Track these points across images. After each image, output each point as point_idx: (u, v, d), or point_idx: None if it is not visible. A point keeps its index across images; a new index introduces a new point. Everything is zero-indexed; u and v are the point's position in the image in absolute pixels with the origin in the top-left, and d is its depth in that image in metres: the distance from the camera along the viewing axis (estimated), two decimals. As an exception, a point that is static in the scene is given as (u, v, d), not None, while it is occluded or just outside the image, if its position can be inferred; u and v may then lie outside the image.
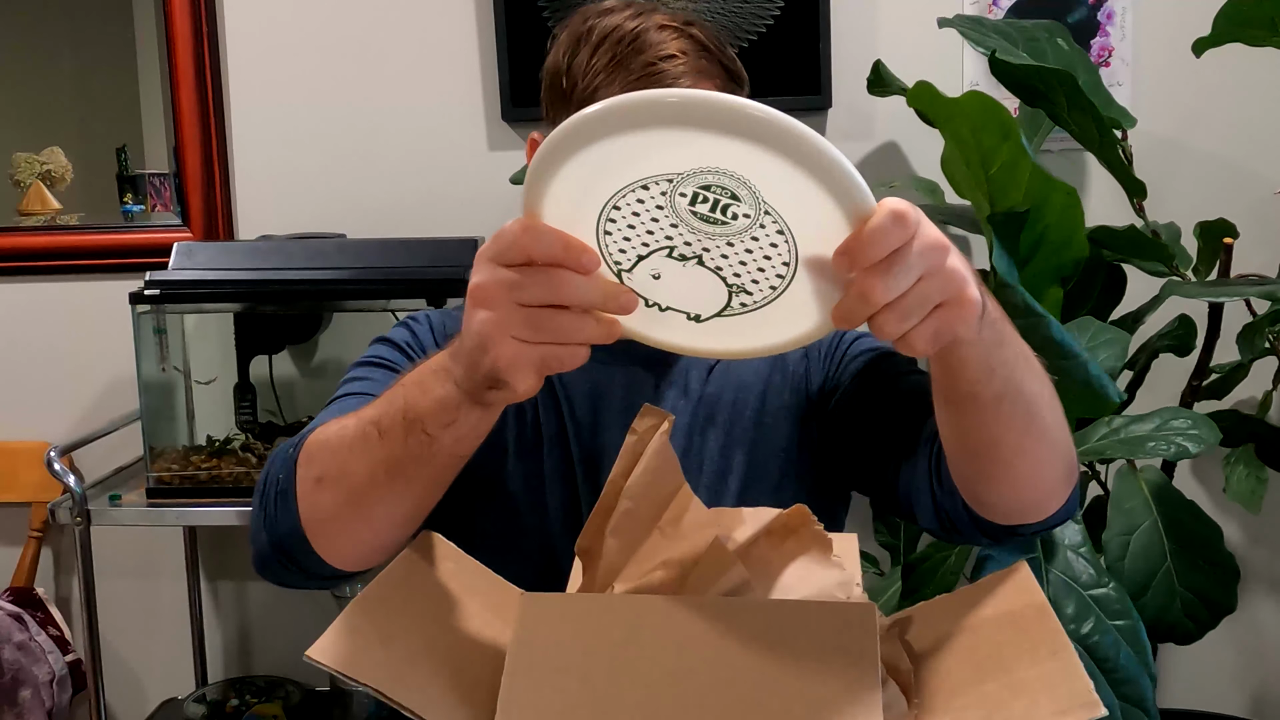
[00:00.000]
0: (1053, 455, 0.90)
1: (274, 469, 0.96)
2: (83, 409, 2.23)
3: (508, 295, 0.72)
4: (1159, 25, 2.02)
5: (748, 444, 1.15)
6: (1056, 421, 0.90)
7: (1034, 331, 1.27)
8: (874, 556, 1.90)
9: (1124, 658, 1.35)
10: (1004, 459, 0.87)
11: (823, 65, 2.03)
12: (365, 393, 1.07)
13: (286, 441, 1.00)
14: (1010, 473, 0.89)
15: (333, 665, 0.72)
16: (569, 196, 0.70)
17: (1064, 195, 1.45)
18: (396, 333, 1.19)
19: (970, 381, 0.81)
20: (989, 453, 0.88)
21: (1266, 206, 1.99)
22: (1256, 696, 2.19)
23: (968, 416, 0.85)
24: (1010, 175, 1.43)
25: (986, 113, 1.40)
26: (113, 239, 2.22)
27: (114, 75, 2.33)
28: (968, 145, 1.44)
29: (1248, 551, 2.10)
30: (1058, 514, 0.96)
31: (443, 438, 0.82)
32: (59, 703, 2.10)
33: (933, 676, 0.77)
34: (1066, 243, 1.50)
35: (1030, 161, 1.41)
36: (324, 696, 2.16)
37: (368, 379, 1.11)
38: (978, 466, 0.90)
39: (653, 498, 0.82)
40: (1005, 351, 0.81)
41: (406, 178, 2.15)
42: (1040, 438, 0.87)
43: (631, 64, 1.05)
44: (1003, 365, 0.81)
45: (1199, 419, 1.53)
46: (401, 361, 1.14)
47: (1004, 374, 0.81)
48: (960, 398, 0.83)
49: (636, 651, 0.72)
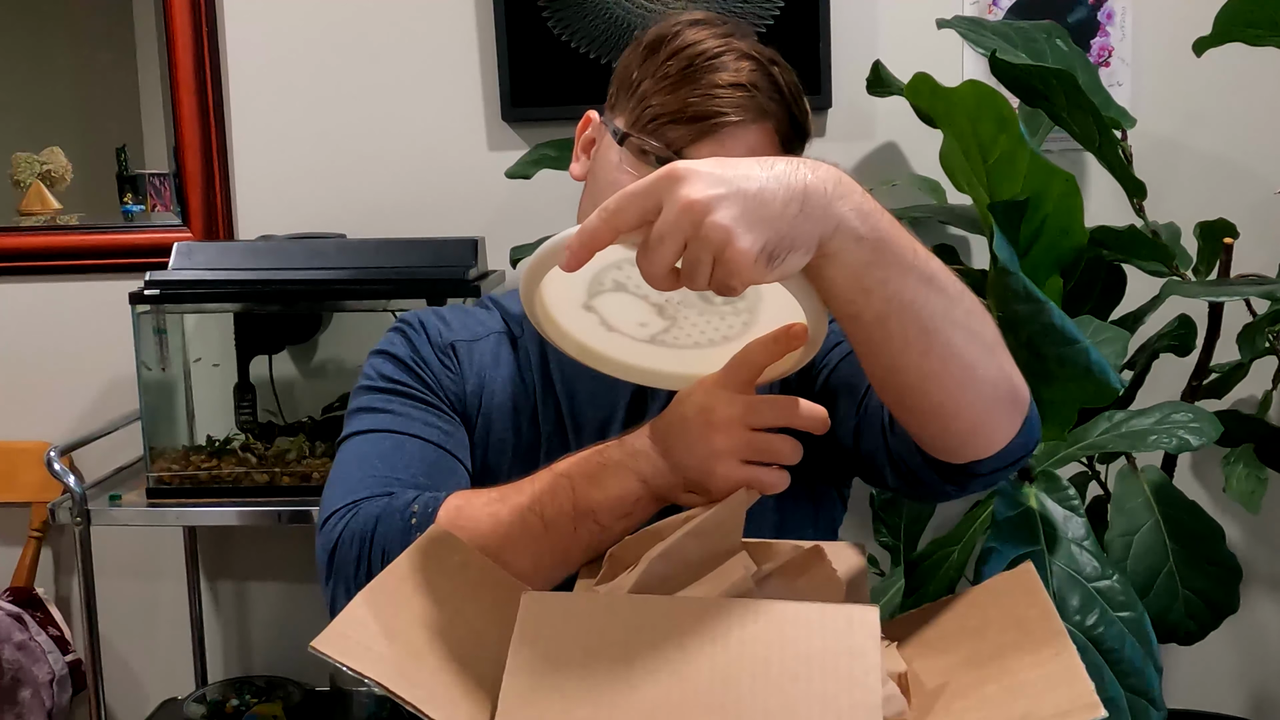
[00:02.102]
0: (971, 378, 0.85)
1: (394, 552, 0.89)
2: (83, 409, 2.23)
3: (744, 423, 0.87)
4: (1159, 25, 2.02)
5: None
6: (976, 343, 0.85)
7: (1035, 318, 1.27)
8: (874, 556, 1.90)
9: (1129, 649, 1.34)
10: (913, 385, 0.85)
11: (823, 65, 2.03)
12: (403, 431, 1.07)
13: (387, 507, 0.96)
14: (926, 400, 0.86)
15: (336, 657, 0.72)
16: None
17: (1062, 183, 1.45)
18: (394, 344, 1.17)
19: (845, 302, 0.80)
20: (895, 380, 0.85)
21: (1266, 206, 1.99)
22: (1258, 696, 2.19)
23: (860, 344, 0.84)
24: (1009, 165, 1.43)
25: (984, 102, 1.40)
26: (113, 239, 2.22)
27: (114, 75, 2.33)
28: (965, 136, 1.43)
29: (1248, 551, 2.10)
30: (1010, 447, 0.91)
31: (615, 527, 0.89)
32: (59, 703, 2.10)
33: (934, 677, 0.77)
34: (1066, 231, 1.50)
35: (1028, 150, 1.41)
36: (324, 696, 2.15)
37: (392, 412, 1.09)
38: (893, 398, 0.89)
39: (708, 544, 0.84)
40: (882, 271, 0.79)
41: (406, 178, 2.15)
42: (949, 359, 0.83)
43: (700, 80, 1.06)
44: (881, 285, 0.79)
45: (1200, 413, 1.53)
46: (411, 382, 1.12)
47: (884, 293, 0.79)
48: (843, 320, 0.82)
49: (638, 651, 0.72)
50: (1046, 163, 1.43)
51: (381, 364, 1.15)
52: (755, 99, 1.06)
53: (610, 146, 1.10)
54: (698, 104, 1.05)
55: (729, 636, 0.72)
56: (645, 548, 0.83)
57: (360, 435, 1.08)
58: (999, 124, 1.40)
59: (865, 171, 2.10)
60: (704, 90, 1.05)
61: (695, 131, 1.05)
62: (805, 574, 0.83)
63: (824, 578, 0.82)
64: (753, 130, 1.07)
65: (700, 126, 1.05)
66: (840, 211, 0.76)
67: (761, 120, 1.07)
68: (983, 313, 0.87)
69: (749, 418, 0.87)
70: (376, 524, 0.94)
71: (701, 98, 1.05)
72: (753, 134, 1.07)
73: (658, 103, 1.06)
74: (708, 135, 1.05)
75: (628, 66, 1.12)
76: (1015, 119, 1.40)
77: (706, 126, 1.05)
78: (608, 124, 1.11)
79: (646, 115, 1.07)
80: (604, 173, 1.10)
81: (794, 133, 1.11)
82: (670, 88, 1.06)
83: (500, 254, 2.00)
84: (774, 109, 1.08)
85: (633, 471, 0.90)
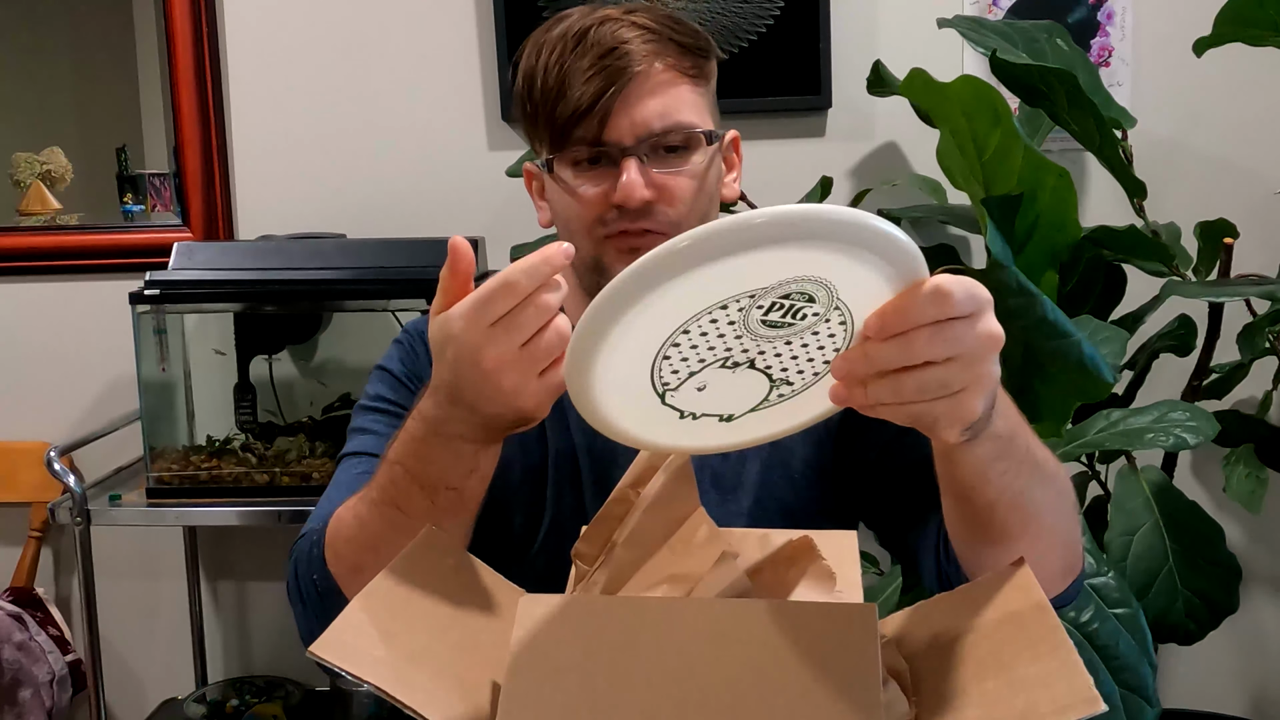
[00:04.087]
0: (1049, 554, 0.89)
1: (303, 570, 1.00)
2: (83, 409, 2.23)
3: (510, 341, 0.76)
4: (1159, 25, 2.02)
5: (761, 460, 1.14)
6: (1059, 522, 0.90)
7: (1028, 311, 1.27)
8: (874, 556, 1.90)
9: (1124, 646, 1.35)
10: (996, 552, 0.88)
11: (823, 65, 2.03)
12: (373, 452, 1.07)
13: (302, 539, 1.02)
14: (1000, 559, 0.88)
15: (335, 661, 0.72)
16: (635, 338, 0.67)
17: (1055, 178, 1.45)
18: (391, 359, 1.17)
19: (962, 484, 0.83)
20: (982, 541, 0.89)
21: (1266, 206, 1.99)
22: (1257, 696, 2.19)
23: (962, 509, 0.87)
24: (1003, 160, 1.43)
25: (978, 98, 1.40)
26: (113, 239, 2.22)
27: (114, 75, 2.33)
28: (961, 131, 1.44)
29: (1248, 552, 2.10)
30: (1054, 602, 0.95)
31: (468, 483, 0.87)
32: (59, 703, 2.10)
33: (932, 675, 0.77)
34: (1060, 225, 1.50)
35: (1022, 145, 1.41)
36: (324, 696, 2.15)
37: (376, 433, 1.11)
38: (971, 550, 0.91)
39: (667, 515, 0.82)
40: (1005, 464, 0.81)
41: (406, 178, 2.15)
42: (1036, 538, 0.87)
43: (577, 66, 1.05)
44: (1000, 475, 0.81)
45: (1197, 411, 1.53)
46: (400, 401, 1.13)
47: (1001, 483, 0.82)
48: (955, 494, 0.85)
49: (637, 652, 0.72)
50: (1040, 157, 1.43)
51: (376, 381, 1.16)
52: (639, 47, 1.06)
53: (551, 180, 1.10)
54: (594, 79, 1.05)
55: (728, 637, 0.72)
56: (604, 538, 0.83)
57: (346, 458, 1.11)
58: (993, 119, 1.40)
59: (865, 171, 2.10)
60: (584, 73, 1.05)
61: (598, 112, 1.05)
62: (796, 564, 0.83)
63: (815, 568, 0.82)
64: (650, 74, 1.06)
65: (601, 104, 1.04)
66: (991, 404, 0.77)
67: (661, 59, 1.06)
68: (1068, 487, 0.92)
69: (507, 337, 0.76)
70: (299, 558, 1.01)
71: (595, 74, 1.05)
72: (652, 78, 1.06)
73: (557, 112, 1.06)
74: (613, 106, 1.04)
75: (521, 109, 1.12)
76: (1009, 114, 1.40)
77: (606, 101, 1.04)
78: (540, 164, 1.12)
79: (556, 130, 1.07)
80: (561, 206, 1.09)
81: (692, 56, 1.09)
82: (555, 91, 1.06)
83: (500, 254, 2.00)
84: (658, 49, 1.07)
85: (447, 437, 0.85)
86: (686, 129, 1.06)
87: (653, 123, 1.05)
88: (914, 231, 2.08)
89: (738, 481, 1.14)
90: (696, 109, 1.08)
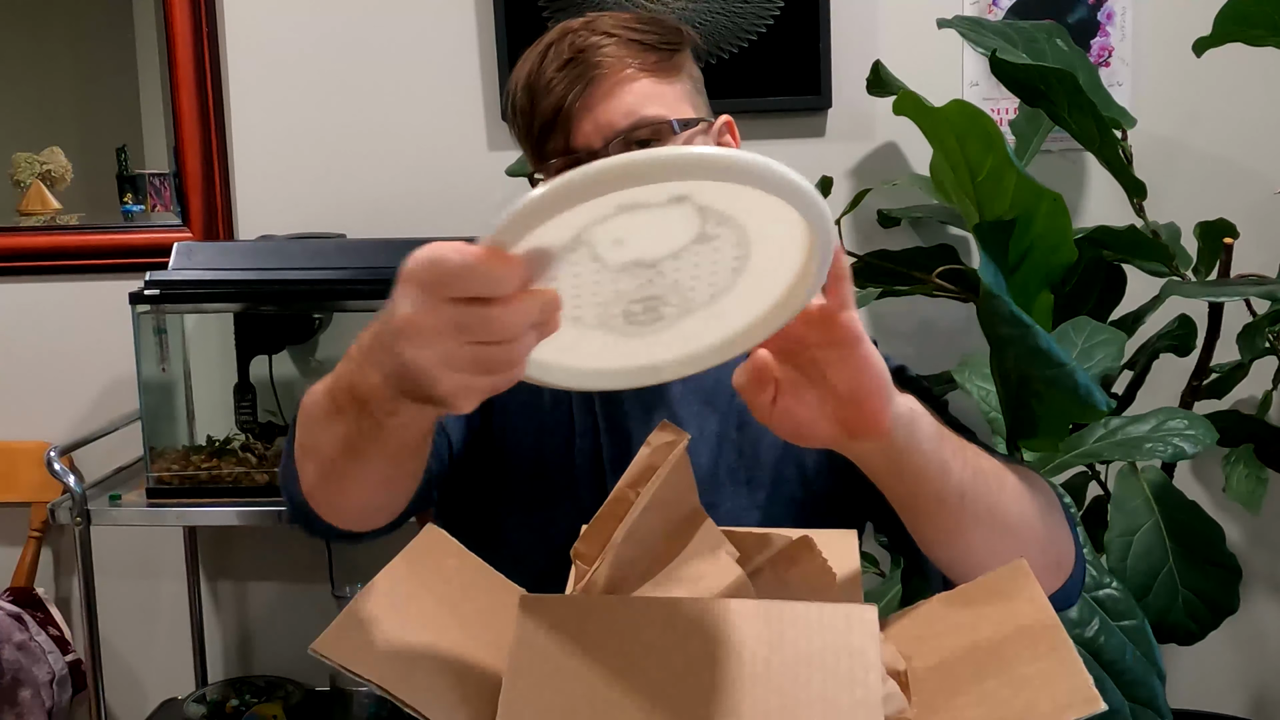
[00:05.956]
0: (1022, 551, 0.87)
1: (290, 431, 1.00)
2: (83, 409, 2.23)
3: (455, 335, 0.67)
4: (1159, 25, 2.02)
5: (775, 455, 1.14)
6: (1024, 518, 0.92)
7: (1021, 342, 1.26)
8: (874, 556, 1.90)
9: (1131, 659, 1.34)
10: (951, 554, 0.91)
11: (823, 65, 2.03)
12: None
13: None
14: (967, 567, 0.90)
15: (337, 660, 0.72)
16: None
17: (1050, 203, 1.44)
18: None
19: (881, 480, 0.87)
20: (933, 545, 0.91)
21: (1266, 206, 1.99)
22: (1257, 696, 2.19)
23: (903, 512, 0.90)
24: (996, 185, 1.43)
25: (970, 122, 1.39)
26: (113, 239, 2.22)
27: (114, 75, 2.33)
28: (954, 154, 1.43)
29: (1248, 552, 2.10)
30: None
31: (388, 424, 0.79)
32: (59, 703, 2.10)
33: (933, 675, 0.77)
34: (1055, 249, 1.49)
35: (1015, 171, 1.40)
36: (324, 696, 2.15)
37: None
38: (936, 556, 0.93)
39: (667, 514, 0.82)
40: (916, 459, 0.84)
41: (406, 178, 2.15)
42: (1000, 535, 0.90)
43: (542, 81, 1.08)
44: (912, 472, 0.84)
45: (1196, 419, 1.53)
46: None
47: (915, 481, 0.85)
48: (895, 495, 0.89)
49: (637, 652, 0.72)
50: (1034, 182, 1.42)
51: None
52: (588, 58, 1.08)
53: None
54: (548, 100, 1.07)
55: (728, 637, 0.72)
56: (604, 537, 0.83)
57: None
58: (986, 143, 1.40)
59: (865, 171, 2.10)
60: (547, 86, 1.07)
61: (563, 121, 1.07)
62: (796, 565, 0.83)
63: (815, 569, 0.82)
64: (610, 76, 1.07)
65: (563, 113, 1.07)
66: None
67: (611, 63, 1.08)
68: (1033, 488, 0.96)
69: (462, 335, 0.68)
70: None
71: (549, 92, 1.07)
72: (611, 79, 1.07)
73: (532, 128, 1.09)
74: (575, 113, 1.07)
75: (510, 128, 1.16)
76: (1002, 139, 1.40)
77: (568, 109, 1.07)
78: (531, 180, 1.14)
79: (534, 145, 1.10)
80: None
81: (652, 50, 1.10)
82: (529, 107, 1.09)
83: (500, 254, 2.00)
84: (612, 50, 1.08)
85: (379, 366, 0.74)
86: (652, 122, 1.07)
87: (617, 122, 1.06)
88: (915, 230, 2.09)
89: (751, 476, 1.14)
90: (663, 101, 1.08)
